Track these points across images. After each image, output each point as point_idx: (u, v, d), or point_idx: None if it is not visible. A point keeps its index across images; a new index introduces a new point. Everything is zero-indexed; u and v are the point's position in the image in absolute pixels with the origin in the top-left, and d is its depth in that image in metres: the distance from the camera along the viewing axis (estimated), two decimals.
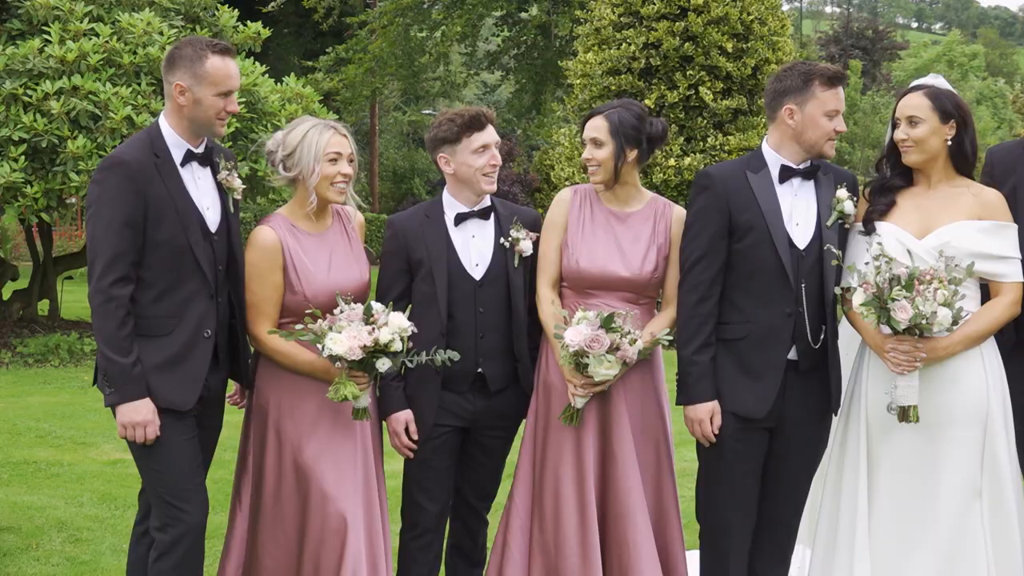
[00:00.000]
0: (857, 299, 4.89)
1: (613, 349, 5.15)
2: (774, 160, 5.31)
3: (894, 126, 5.30)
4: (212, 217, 5.16)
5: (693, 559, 5.61)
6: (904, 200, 5.26)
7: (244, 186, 5.48)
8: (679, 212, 5.59)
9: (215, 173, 5.22)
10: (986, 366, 5.13)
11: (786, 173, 5.29)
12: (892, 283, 4.84)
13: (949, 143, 5.20)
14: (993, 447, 5.08)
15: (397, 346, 5.04)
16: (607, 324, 5.15)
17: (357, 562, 5.15)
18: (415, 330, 5.14)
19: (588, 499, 5.34)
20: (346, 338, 4.97)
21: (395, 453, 5.55)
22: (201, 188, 5.14)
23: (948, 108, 5.19)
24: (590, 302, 5.35)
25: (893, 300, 4.83)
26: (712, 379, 5.22)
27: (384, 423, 5.52)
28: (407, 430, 5.43)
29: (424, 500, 5.56)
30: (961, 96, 5.29)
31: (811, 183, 5.32)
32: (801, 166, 5.30)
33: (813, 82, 5.21)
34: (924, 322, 4.83)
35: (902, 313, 4.82)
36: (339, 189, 5.33)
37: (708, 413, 5.22)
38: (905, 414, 5.01)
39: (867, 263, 4.98)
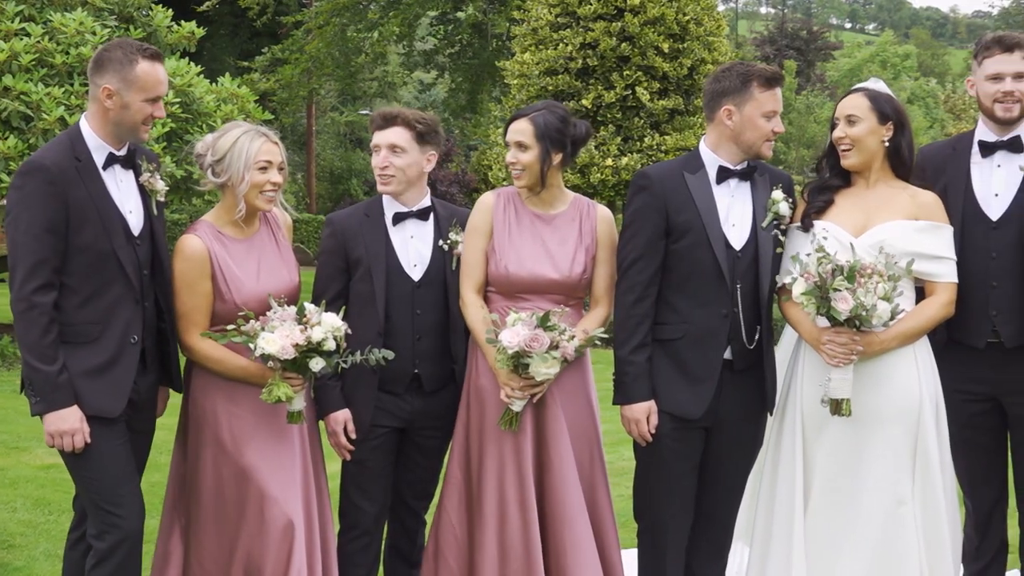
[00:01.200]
0: (798, 288, 4.93)
1: (553, 347, 5.15)
2: (712, 161, 5.33)
3: (833, 126, 5.38)
4: (135, 221, 5.09)
5: (629, 558, 5.63)
6: (842, 199, 5.32)
7: (167, 188, 5.42)
8: (603, 212, 5.60)
9: (138, 176, 5.14)
10: (919, 365, 5.19)
11: (723, 174, 5.31)
12: (835, 273, 4.88)
13: (886, 144, 5.26)
14: (925, 446, 5.14)
15: (330, 345, 5.02)
16: (544, 323, 5.15)
17: (302, 565, 5.12)
18: (349, 330, 5.13)
19: (529, 503, 5.33)
20: (278, 337, 4.94)
21: (334, 455, 5.53)
22: (124, 191, 5.06)
23: (886, 110, 5.26)
24: (520, 306, 5.33)
25: (835, 290, 4.87)
26: (649, 379, 5.24)
27: (322, 424, 5.49)
28: (345, 430, 5.42)
29: (362, 501, 5.54)
30: (897, 97, 5.36)
31: (747, 184, 5.35)
32: (738, 167, 5.33)
33: (751, 83, 5.24)
34: (864, 314, 4.87)
35: (843, 304, 4.87)
36: (268, 197, 5.29)
37: (645, 413, 5.24)
38: (838, 407, 5.05)
39: (808, 254, 5.02)
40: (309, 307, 5.07)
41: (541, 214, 5.50)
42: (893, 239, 5.11)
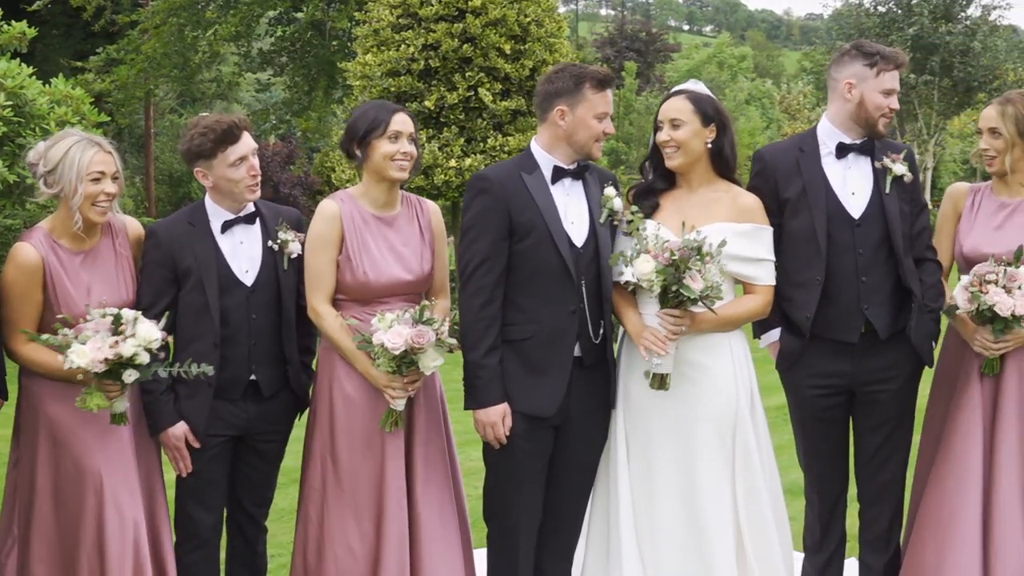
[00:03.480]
0: (647, 267, 4.98)
1: (439, 338, 5.16)
2: (546, 161, 5.35)
3: (656, 129, 5.44)
4: None
5: (479, 558, 5.63)
6: (667, 202, 5.42)
7: None
8: (432, 205, 5.65)
9: None
10: (734, 359, 5.34)
11: (558, 173, 5.34)
12: (692, 252, 4.95)
13: (710, 146, 5.36)
14: (745, 444, 5.29)
15: (143, 359, 4.93)
16: (421, 318, 5.15)
17: (146, 563, 5.07)
18: (166, 340, 5.06)
19: (403, 505, 5.32)
20: (89, 350, 4.84)
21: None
22: None
23: (709, 112, 5.35)
24: (377, 309, 5.29)
25: (688, 269, 4.95)
26: (501, 381, 5.23)
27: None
28: (187, 442, 5.33)
29: (198, 512, 5.45)
30: (728, 98, 5.48)
31: (580, 183, 5.40)
32: (571, 166, 5.37)
33: (584, 84, 5.27)
34: (712, 293, 4.98)
35: (696, 283, 4.95)
36: (100, 209, 5.16)
37: (500, 415, 5.23)
38: (662, 381, 5.15)
39: (644, 239, 5.08)
40: (126, 315, 4.95)
41: (383, 216, 5.46)
42: (714, 241, 5.15)
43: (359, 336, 5.21)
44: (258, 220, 5.51)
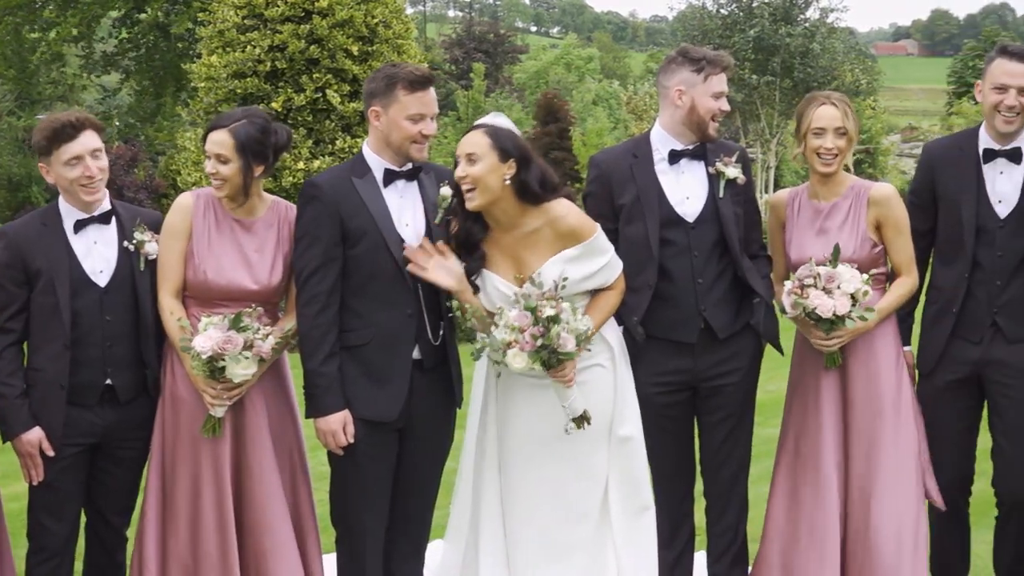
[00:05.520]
0: (520, 363, 4.95)
1: (248, 347, 5.10)
2: (377, 164, 5.33)
3: (456, 164, 5.21)
4: None
5: (330, 563, 5.62)
6: (491, 249, 5.28)
7: None
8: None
9: None
10: (613, 356, 5.40)
11: (390, 176, 5.32)
12: (548, 323, 4.92)
13: (508, 182, 5.14)
14: (628, 456, 5.39)
15: None
16: (236, 324, 5.09)
17: None
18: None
19: (227, 511, 5.28)
20: None
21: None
22: None
23: (507, 146, 5.13)
24: (217, 311, 5.24)
25: (556, 337, 4.92)
26: (341, 388, 5.21)
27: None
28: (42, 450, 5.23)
29: (51, 522, 5.36)
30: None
31: (415, 184, 5.38)
32: (403, 168, 5.34)
33: (396, 85, 5.21)
34: (583, 339, 5.01)
35: (568, 344, 4.95)
36: None
37: (340, 423, 5.21)
38: (583, 419, 5.16)
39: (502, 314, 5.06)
40: None
41: (241, 219, 5.41)
42: (554, 277, 5.14)
43: (184, 337, 5.16)
44: (114, 220, 5.42)
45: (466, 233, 5.27)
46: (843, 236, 5.71)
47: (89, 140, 5.31)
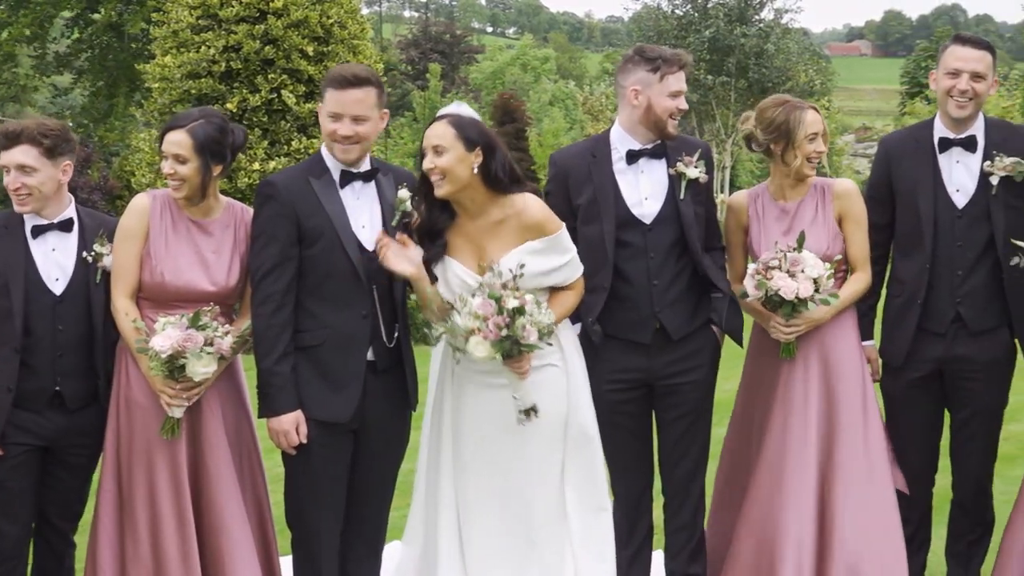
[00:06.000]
0: (482, 351, 4.94)
1: (208, 344, 5.08)
2: (334, 164, 5.32)
3: (422, 156, 5.24)
4: None
5: (287, 564, 5.60)
6: (455, 237, 5.30)
7: None
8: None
9: None
10: (565, 355, 5.40)
11: (347, 177, 5.30)
12: (514, 314, 4.92)
13: (476, 170, 5.18)
14: (585, 456, 5.39)
15: None
16: (195, 323, 5.08)
17: None
18: None
19: (186, 513, 5.25)
20: None
21: None
22: None
23: (472, 135, 5.17)
24: (172, 313, 5.21)
25: (520, 328, 4.92)
26: (294, 389, 5.19)
27: None
28: None
29: (3, 524, 5.32)
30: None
31: (372, 185, 5.37)
32: (360, 169, 5.33)
33: (326, 85, 5.24)
34: (546, 333, 5.01)
35: (531, 336, 4.95)
36: None
37: (293, 423, 5.19)
38: (533, 411, 5.16)
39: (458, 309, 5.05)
40: None
41: (198, 220, 5.39)
42: (514, 267, 5.13)
43: (140, 339, 5.14)
44: (76, 229, 5.39)
45: (431, 221, 5.29)
46: (816, 232, 5.75)
47: (18, 155, 5.27)
